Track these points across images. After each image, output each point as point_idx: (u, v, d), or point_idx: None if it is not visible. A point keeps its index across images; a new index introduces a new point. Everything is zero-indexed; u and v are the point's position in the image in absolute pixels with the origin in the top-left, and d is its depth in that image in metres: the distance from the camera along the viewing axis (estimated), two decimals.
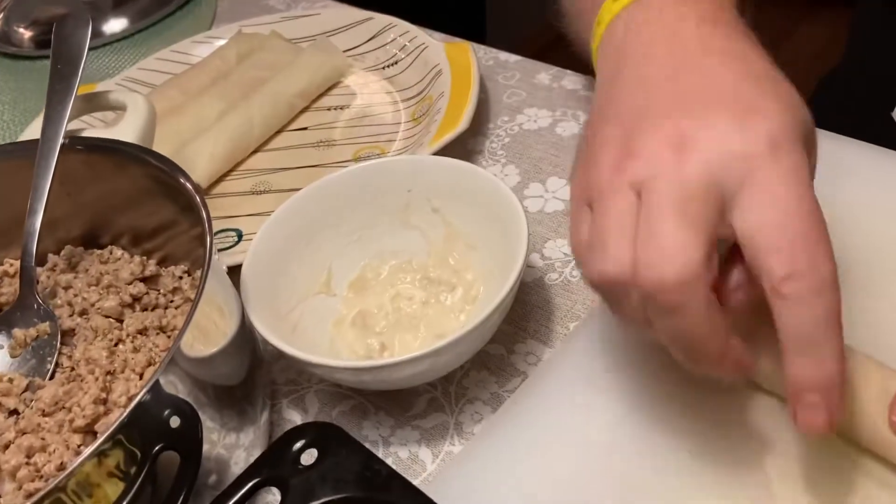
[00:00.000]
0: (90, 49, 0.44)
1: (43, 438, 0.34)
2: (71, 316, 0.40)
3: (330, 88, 0.63)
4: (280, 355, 0.40)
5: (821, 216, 0.28)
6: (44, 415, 0.35)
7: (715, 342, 0.29)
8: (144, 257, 0.43)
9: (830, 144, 0.37)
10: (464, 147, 0.55)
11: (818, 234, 0.28)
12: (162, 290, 0.41)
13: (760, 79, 0.30)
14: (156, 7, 0.80)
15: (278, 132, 0.59)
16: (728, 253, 0.30)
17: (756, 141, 0.28)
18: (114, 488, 0.31)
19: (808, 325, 0.28)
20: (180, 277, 0.42)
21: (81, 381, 0.35)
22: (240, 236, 0.52)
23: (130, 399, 0.33)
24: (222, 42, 0.66)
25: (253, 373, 0.40)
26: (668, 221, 0.28)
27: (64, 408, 0.34)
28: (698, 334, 0.29)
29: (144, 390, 0.30)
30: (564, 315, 0.43)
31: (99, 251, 0.43)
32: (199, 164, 0.54)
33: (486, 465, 0.36)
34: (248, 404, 0.40)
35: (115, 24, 0.77)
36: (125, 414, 0.30)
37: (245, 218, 0.53)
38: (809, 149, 0.30)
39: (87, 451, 0.29)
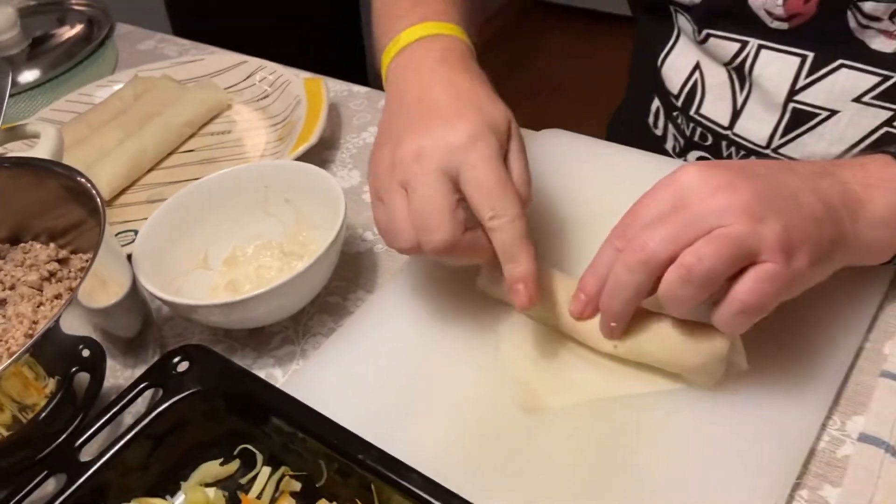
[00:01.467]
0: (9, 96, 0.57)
1: None
2: (3, 290, 0.52)
3: (213, 118, 0.77)
4: (168, 317, 0.53)
5: (506, 178, 0.44)
6: None
7: (478, 251, 0.45)
8: (58, 247, 0.55)
9: (571, 140, 0.54)
10: (320, 157, 0.70)
11: (505, 189, 0.44)
12: (72, 269, 0.54)
13: (465, 98, 0.47)
14: (64, 59, 0.92)
15: (170, 154, 0.73)
16: None
17: (460, 137, 0.44)
18: (44, 394, 0.44)
19: (508, 243, 0.44)
20: (87, 261, 0.55)
21: (13, 327, 0.47)
22: (135, 235, 0.64)
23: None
24: (121, 85, 0.80)
25: (145, 329, 0.53)
26: (426, 209, 0.44)
27: (2, 340, 0.46)
28: (466, 254, 0.45)
29: (53, 320, 0.43)
30: (386, 272, 0.58)
31: (22, 244, 0.56)
32: (101, 181, 0.67)
33: (319, 373, 0.50)
34: (142, 350, 0.53)
35: (29, 75, 0.89)
36: (38, 335, 0.42)
37: (142, 221, 0.64)
38: (501, 138, 0.46)
39: (9, 360, 0.41)
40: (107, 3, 1.01)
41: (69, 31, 0.98)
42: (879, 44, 0.53)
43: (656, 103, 0.72)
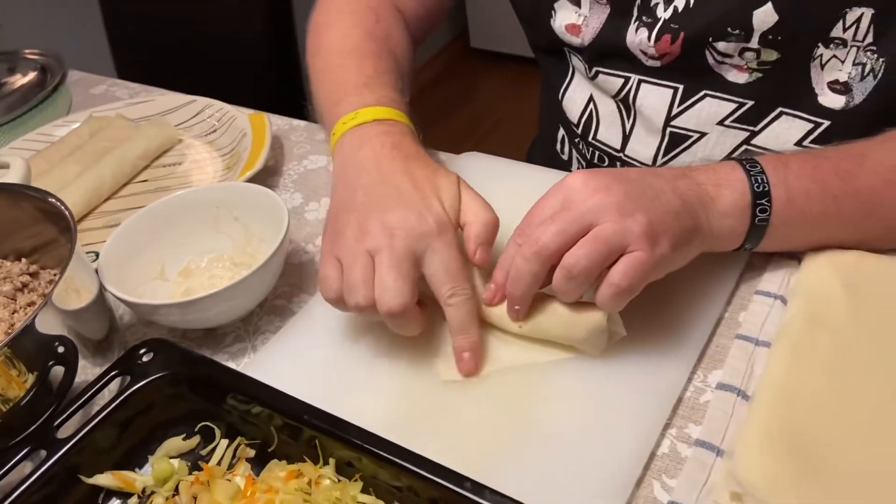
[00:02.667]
0: None
1: None
2: None
3: (166, 152, 0.84)
4: (130, 323, 0.60)
5: (463, 263, 0.53)
6: None
7: (418, 322, 0.53)
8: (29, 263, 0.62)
9: (488, 161, 0.63)
10: (265, 182, 0.77)
11: (463, 273, 0.53)
12: (42, 282, 0.60)
13: (423, 186, 0.55)
14: (20, 103, 0.98)
15: (125, 185, 0.80)
16: None
17: (427, 227, 0.52)
18: (24, 385, 0.50)
19: (463, 318, 0.53)
20: (55, 275, 0.61)
21: None
22: (97, 256, 0.71)
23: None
24: (78, 124, 0.86)
25: (111, 333, 0.60)
26: (390, 275, 0.51)
27: None
28: (409, 328, 0.53)
29: (31, 318, 0.49)
30: None
31: None
32: None
33: (268, 362, 0.57)
34: (108, 352, 0.59)
35: None
36: (18, 329, 0.49)
37: (101, 244, 0.70)
38: (454, 215, 0.54)
39: None
40: (59, 52, 1.07)
41: (22, 79, 1.04)
42: (734, 76, 0.64)
43: (561, 132, 0.83)
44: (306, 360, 0.57)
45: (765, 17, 0.59)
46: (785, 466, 0.43)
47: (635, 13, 0.66)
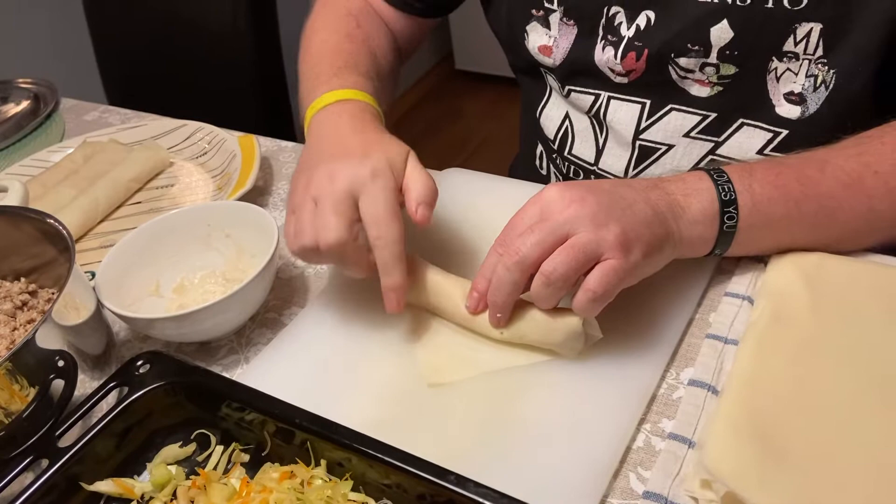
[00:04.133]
0: None
1: None
2: None
3: (158, 174, 0.86)
4: (126, 339, 0.62)
5: (394, 209, 0.55)
6: None
7: (360, 265, 0.56)
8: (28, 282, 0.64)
9: (470, 177, 0.66)
10: (254, 202, 0.79)
11: (391, 218, 0.55)
12: (40, 301, 0.62)
13: (372, 141, 0.59)
14: (13, 130, 1.01)
15: (119, 206, 0.82)
16: None
17: (364, 171, 0.56)
18: (25, 398, 0.52)
19: (386, 260, 0.55)
20: (53, 293, 0.64)
21: None
22: (93, 275, 0.73)
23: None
24: (72, 150, 0.89)
25: (109, 349, 0.62)
26: (329, 215, 0.55)
27: None
28: (351, 262, 0.56)
29: (31, 332, 0.52)
30: (314, 292, 0.69)
31: None
32: None
33: (260, 372, 0.60)
34: (106, 366, 0.61)
35: None
36: (19, 343, 0.51)
37: (96, 264, 0.74)
38: (399, 170, 0.57)
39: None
40: (51, 80, 1.10)
41: (15, 108, 1.07)
42: (697, 90, 0.68)
43: (540, 148, 0.86)
44: (297, 370, 0.60)
45: (721, 33, 0.63)
46: (750, 454, 0.46)
47: (601, 32, 0.69)
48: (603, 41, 0.69)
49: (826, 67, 0.61)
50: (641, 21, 0.66)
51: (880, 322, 0.54)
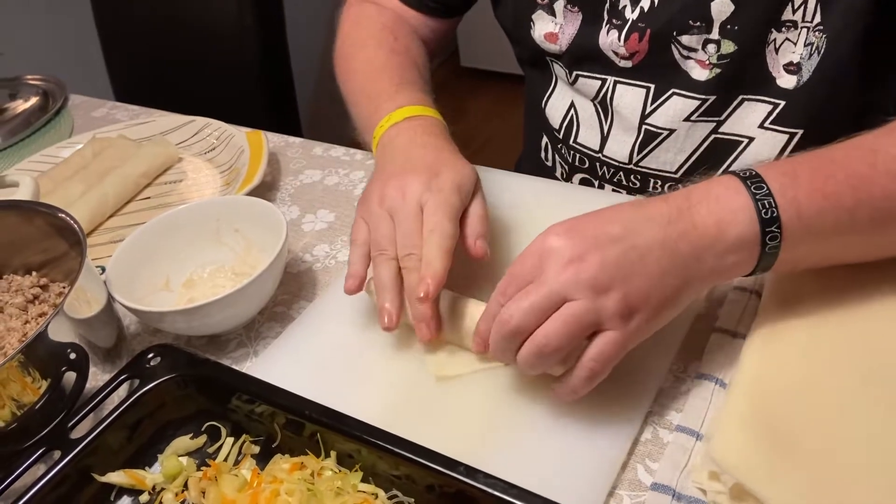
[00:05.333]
0: None
1: None
2: None
3: (167, 170, 0.87)
4: (136, 333, 0.63)
5: (443, 229, 0.56)
6: None
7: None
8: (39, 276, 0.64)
9: (481, 172, 0.66)
10: (262, 197, 0.80)
11: (446, 218, 0.56)
12: (51, 294, 0.63)
13: (445, 160, 0.61)
14: (22, 127, 1.01)
15: (129, 202, 0.83)
16: None
17: (431, 187, 0.57)
18: (38, 390, 0.52)
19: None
20: (64, 287, 0.64)
21: (7, 337, 0.56)
22: (103, 270, 0.73)
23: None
24: (81, 145, 0.89)
25: (120, 342, 0.63)
26: (408, 235, 0.56)
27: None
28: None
29: (44, 325, 0.52)
30: (322, 286, 0.69)
31: (6, 276, 0.64)
32: None
33: (269, 365, 0.60)
34: (117, 359, 0.62)
35: None
36: (32, 336, 0.51)
37: (106, 259, 0.74)
38: (462, 190, 0.59)
39: (3, 360, 0.50)
40: (59, 77, 1.11)
41: (24, 104, 1.08)
42: (697, 73, 0.68)
43: (545, 139, 0.86)
44: (306, 363, 0.60)
45: (721, 6, 0.64)
46: (758, 446, 0.46)
47: (605, 17, 0.70)
48: (608, 25, 0.70)
49: (821, 34, 0.62)
50: (645, 3, 0.68)
51: (890, 316, 0.54)
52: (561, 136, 0.81)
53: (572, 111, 0.78)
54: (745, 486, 0.44)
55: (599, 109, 0.76)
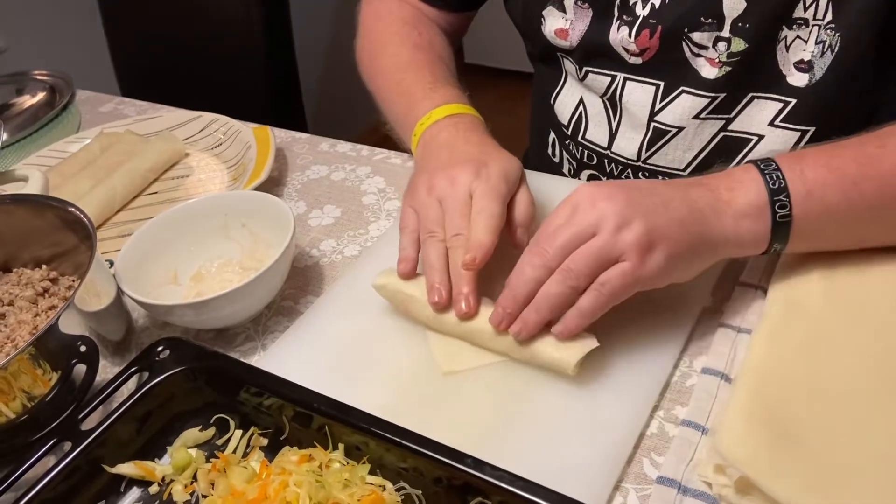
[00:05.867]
0: None
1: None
2: (2, 306, 0.61)
3: (174, 165, 0.87)
4: (145, 326, 0.63)
5: (491, 210, 0.57)
6: None
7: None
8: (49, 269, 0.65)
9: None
10: (269, 192, 0.80)
11: (494, 201, 0.57)
12: (61, 288, 0.63)
13: (490, 152, 0.62)
14: (30, 122, 1.02)
15: (136, 196, 0.83)
16: None
17: (480, 177, 0.59)
18: (48, 382, 0.53)
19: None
20: (74, 281, 0.65)
21: (18, 329, 0.57)
22: (111, 264, 0.74)
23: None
24: (89, 140, 0.90)
25: (129, 335, 0.63)
26: (457, 218, 0.58)
27: (9, 341, 0.55)
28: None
29: (55, 318, 0.52)
30: (329, 280, 0.69)
31: (15, 270, 0.65)
32: None
33: (277, 358, 0.61)
34: (126, 352, 0.62)
35: None
36: (43, 328, 0.52)
37: (115, 253, 0.75)
38: (509, 179, 0.60)
39: (15, 352, 0.50)
40: (67, 72, 1.11)
41: (31, 100, 1.08)
42: (707, 71, 0.68)
43: (552, 136, 0.86)
44: (313, 357, 0.60)
45: (733, 3, 0.64)
46: (763, 440, 0.46)
47: (616, 13, 0.70)
48: (618, 21, 0.70)
49: (833, 32, 0.62)
50: (656, 0, 0.67)
51: (894, 312, 0.54)
52: (569, 133, 0.81)
53: (581, 107, 0.79)
54: (751, 479, 0.45)
55: (608, 106, 0.76)
